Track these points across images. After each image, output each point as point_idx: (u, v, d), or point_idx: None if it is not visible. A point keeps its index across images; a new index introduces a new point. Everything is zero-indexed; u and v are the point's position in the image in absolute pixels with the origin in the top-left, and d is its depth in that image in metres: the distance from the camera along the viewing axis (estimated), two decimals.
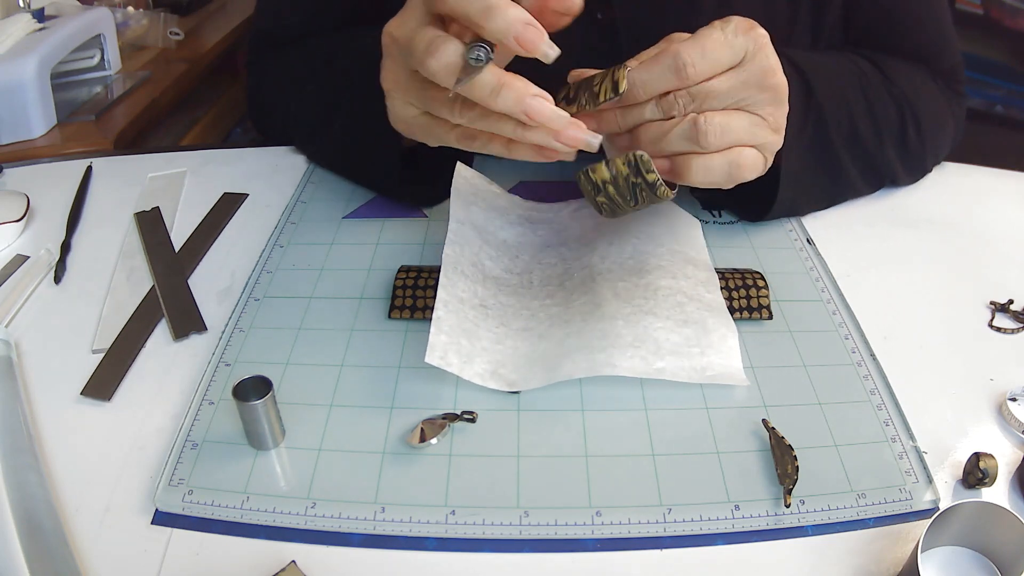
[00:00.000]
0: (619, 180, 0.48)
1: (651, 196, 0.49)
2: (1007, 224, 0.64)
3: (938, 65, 0.68)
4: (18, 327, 0.54)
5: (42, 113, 0.93)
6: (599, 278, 0.52)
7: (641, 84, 0.48)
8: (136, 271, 0.59)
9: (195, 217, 0.65)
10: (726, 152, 0.50)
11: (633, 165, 0.48)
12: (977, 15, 1.47)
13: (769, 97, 0.50)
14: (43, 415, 0.47)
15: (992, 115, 1.47)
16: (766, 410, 0.46)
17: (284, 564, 0.38)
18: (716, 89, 0.49)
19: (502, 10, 0.41)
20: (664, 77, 0.47)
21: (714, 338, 0.48)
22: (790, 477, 0.41)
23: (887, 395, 0.47)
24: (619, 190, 0.49)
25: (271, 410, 0.43)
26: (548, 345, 0.48)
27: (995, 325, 0.53)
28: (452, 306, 0.49)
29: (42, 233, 0.65)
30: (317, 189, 0.68)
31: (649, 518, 0.40)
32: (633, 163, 0.48)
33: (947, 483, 0.43)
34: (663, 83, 0.48)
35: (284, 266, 0.58)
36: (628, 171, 0.48)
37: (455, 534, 0.40)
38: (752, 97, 0.50)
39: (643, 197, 0.49)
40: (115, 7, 1.20)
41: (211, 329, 0.53)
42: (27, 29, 0.96)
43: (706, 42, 0.47)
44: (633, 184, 0.48)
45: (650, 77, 0.48)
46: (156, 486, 0.42)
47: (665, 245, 0.55)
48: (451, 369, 0.46)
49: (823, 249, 0.59)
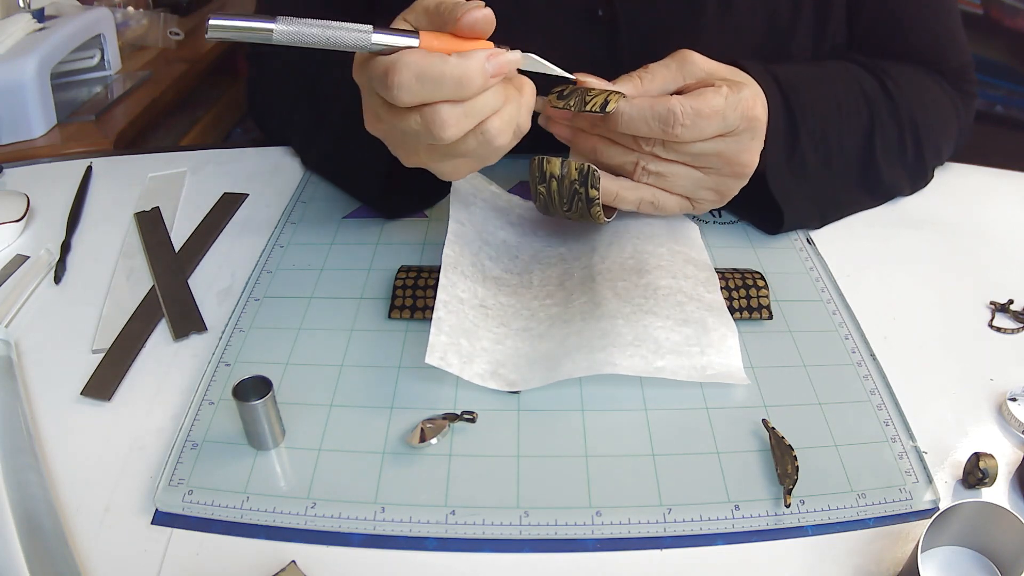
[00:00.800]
0: (564, 181, 0.50)
1: (584, 209, 0.51)
2: (1007, 224, 0.64)
3: (945, 64, 0.68)
4: (18, 327, 0.54)
5: (42, 113, 0.93)
6: (599, 278, 0.52)
7: (627, 120, 0.50)
8: (136, 271, 0.59)
9: (195, 217, 0.65)
10: (652, 188, 0.53)
11: (583, 174, 0.50)
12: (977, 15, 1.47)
13: (730, 171, 0.53)
14: (43, 415, 0.47)
15: (992, 115, 1.47)
16: (766, 410, 0.46)
17: (284, 564, 0.38)
18: (690, 150, 0.51)
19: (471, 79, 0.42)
20: (650, 125, 0.49)
21: (714, 337, 0.48)
22: (790, 477, 0.41)
23: (887, 395, 0.47)
24: (560, 189, 0.51)
25: (271, 410, 0.43)
26: (548, 345, 0.48)
27: (995, 325, 0.53)
28: (452, 306, 0.49)
29: (42, 233, 0.65)
30: (317, 189, 0.68)
31: (649, 518, 0.40)
32: (584, 172, 0.50)
33: (947, 483, 0.43)
34: (647, 129, 0.50)
35: (284, 266, 0.58)
36: (577, 177, 0.50)
37: (455, 534, 0.40)
38: (717, 167, 0.52)
39: (577, 207, 0.51)
40: (115, 7, 1.21)
41: (211, 329, 0.53)
42: (27, 29, 0.96)
43: (703, 107, 0.49)
44: (575, 191, 0.50)
45: (639, 117, 0.49)
46: (156, 486, 0.42)
47: (665, 245, 0.55)
48: (451, 370, 0.46)
49: (823, 249, 0.59)
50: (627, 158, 0.52)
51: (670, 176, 0.52)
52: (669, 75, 0.52)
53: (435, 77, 0.41)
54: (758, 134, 0.52)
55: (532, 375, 0.47)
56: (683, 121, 0.48)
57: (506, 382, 0.47)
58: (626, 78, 0.52)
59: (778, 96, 0.56)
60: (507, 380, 0.47)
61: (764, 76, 0.56)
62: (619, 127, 0.50)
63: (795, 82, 0.58)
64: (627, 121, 0.50)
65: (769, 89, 0.54)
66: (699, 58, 0.52)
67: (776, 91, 0.56)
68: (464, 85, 0.42)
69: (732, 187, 0.54)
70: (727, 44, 0.62)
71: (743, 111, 0.50)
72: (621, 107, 0.49)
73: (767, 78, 0.56)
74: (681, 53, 0.52)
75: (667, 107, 0.48)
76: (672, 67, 0.52)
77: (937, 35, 0.68)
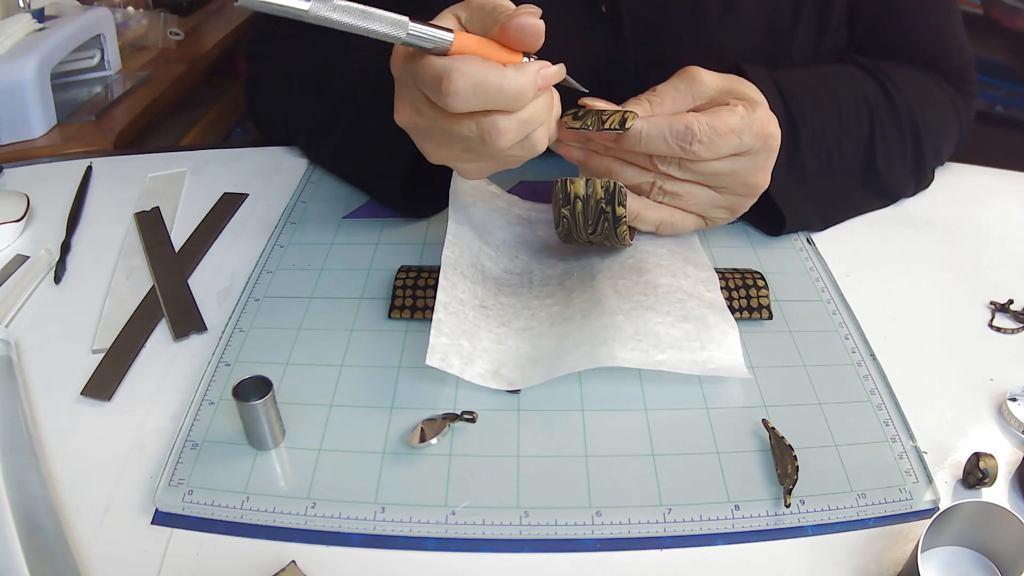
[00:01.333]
0: (591, 201, 0.50)
1: (611, 230, 0.51)
2: (1007, 224, 0.64)
3: (945, 64, 0.68)
4: (18, 327, 0.54)
5: (42, 113, 0.93)
6: (599, 276, 0.52)
7: (645, 139, 0.49)
8: (136, 271, 0.59)
9: (195, 217, 0.65)
10: (669, 208, 0.53)
11: (610, 192, 0.49)
12: (977, 15, 1.47)
13: (743, 190, 0.53)
14: (43, 415, 0.47)
15: (992, 115, 1.47)
16: (766, 410, 0.46)
17: (284, 564, 0.38)
18: (705, 170, 0.51)
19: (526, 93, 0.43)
20: (668, 143, 0.49)
21: (715, 333, 0.48)
22: (790, 477, 0.41)
23: (887, 395, 0.47)
24: (586, 210, 0.50)
25: (271, 410, 0.43)
26: (549, 343, 0.48)
27: (995, 325, 0.53)
28: (452, 307, 0.49)
29: (42, 233, 0.65)
30: (317, 189, 0.68)
31: (649, 518, 0.40)
32: (611, 190, 0.49)
33: (947, 483, 0.43)
34: (665, 147, 0.50)
35: (284, 266, 0.58)
36: (603, 195, 0.49)
37: (455, 534, 0.40)
38: (731, 185, 0.52)
39: (603, 228, 0.51)
40: (115, 7, 1.21)
41: (211, 329, 0.53)
42: (27, 29, 0.96)
43: (720, 125, 0.49)
44: (601, 210, 0.50)
45: (657, 135, 0.49)
46: (156, 486, 0.42)
47: (665, 246, 0.55)
48: (452, 371, 0.46)
49: (823, 249, 0.59)
50: (643, 178, 0.52)
51: (685, 196, 0.53)
52: (679, 96, 0.52)
53: (493, 89, 0.42)
54: (772, 153, 0.52)
55: (533, 373, 0.47)
56: (701, 138, 0.48)
57: (507, 381, 0.47)
58: (635, 101, 0.52)
59: (779, 102, 0.56)
60: (508, 379, 0.47)
61: (766, 82, 0.56)
62: (638, 145, 0.50)
63: (795, 87, 0.58)
64: (646, 139, 0.49)
65: (770, 94, 0.54)
66: (706, 76, 0.51)
67: (777, 96, 0.56)
68: (520, 99, 0.43)
69: (744, 204, 0.54)
70: (729, 42, 0.62)
71: (758, 130, 0.50)
72: (639, 125, 0.49)
73: (768, 84, 0.56)
74: (688, 72, 0.52)
75: (685, 124, 0.48)
76: (681, 88, 0.52)
77: (937, 35, 0.68)
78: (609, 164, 0.53)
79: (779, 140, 0.52)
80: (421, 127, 0.47)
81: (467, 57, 0.42)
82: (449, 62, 0.41)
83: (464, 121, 0.44)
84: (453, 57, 0.42)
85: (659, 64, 0.55)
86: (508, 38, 0.43)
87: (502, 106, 0.43)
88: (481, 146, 0.44)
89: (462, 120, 0.44)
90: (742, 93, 0.52)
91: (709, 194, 0.53)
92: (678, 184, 0.52)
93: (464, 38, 0.43)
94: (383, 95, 0.50)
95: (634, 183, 0.53)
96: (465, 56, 0.42)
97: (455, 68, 0.41)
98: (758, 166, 0.52)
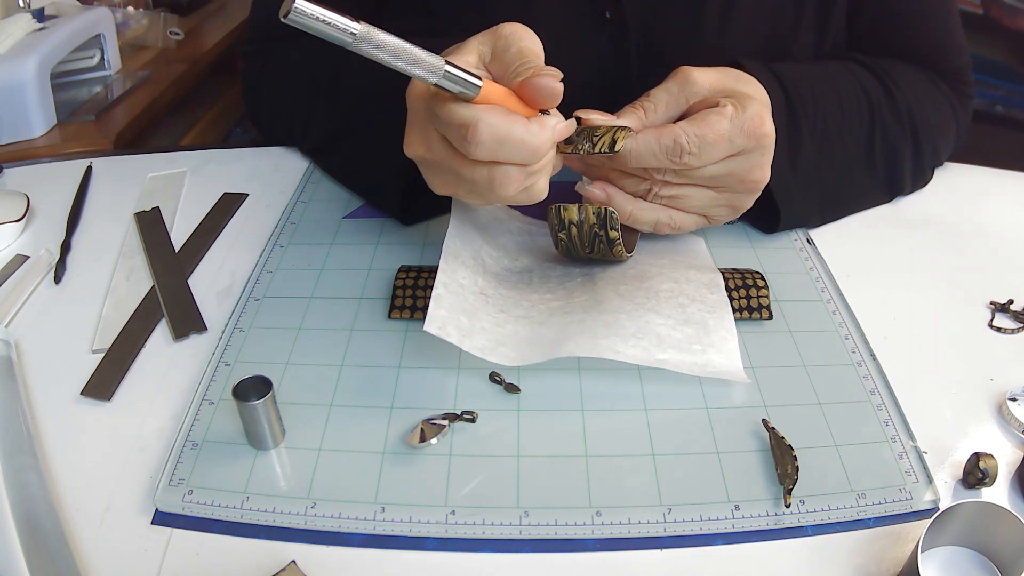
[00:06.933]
0: (584, 226, 0.51)
1: (607, 251, 0.52)
2: (1007, 224, 0.64)
3: (943, 64, 0.68)
4: (18, 327, 0.54)
5: (42, 113, 0.93)
6: (600, 281, 0.52)
7: (636, 156, 0.50)
8: (136, 271, 0.59)
9: (195, 217, 0.65)
10: (667, 208, 0.54)
11: (601, 218, 0.50)
12: (977, 15, 1.47)
13: (743, 188, 0.53)
14: (43, 415, 0.47)
15: (992, 115, 1.47)
16: (766, 410, 0.46)
17: (284, 564, 0.38)
18: (701, 174, 0.51)
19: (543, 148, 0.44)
20: (658, 158, 0.50)
21: (715, 339, 0.48)
22: (790, 477, 0.41)
23: (887, 395, 0.47)
24: (581, 234, 0.52)
25: (271, 410, 0.43)
26: (549, 331, 0.48)
27: (995, 325, 0.53)
28: (452, 288, 0.48)
29: (42, 233, 0.65)
30: (317, 189, 0.68)
31: (649, 518, 0.40)
32: (602, 216, 0.50)
33: (947, 483, 0.43)
34: (655, 162, 0.50)
35: (284, 266, 0.58)
36: (595, 220, 0.50)
37: (455, 534, 0.40)
38: (730, 185, 0.53)
39: (599, 249, 0.52)
40: (115, 7, 1.20)
41: (211, 329, 0.53)
42: (27, 29, 0.96)
43: (708, 133, 0.49)
44: (595, 234, 0.51)
45: (647, 152, 0.50)
46: (156, 486, 0.42)
47: (667, 257, 0.55)
48: (451, 339, 0.45)
49: (823, 249, 0.59)
50: (641, 187, 0.53)
51: (684, 198, 0.53)
52: (672, 100, 0.52)
53: (516, 143, 0.42)
54: (768, 150, 0.52)
55: (533, 354, 0.46)
56: (690, 149, 0.49)
57: (507, 357, 0.46)
58: (630, 110, 0.52)
59: (780, 94, 0.56)
60: (507, 356, 0.46)
61: (766, 74, 0.56)
62: (630, 163, 0.50)
63: (797, 80, 0.58)
64: (636, 158, 0.50)
65: (771, 87, 0.54)
66: (699, 75, 0.51)
67: (778, 89, 0.56)
68: (537, 154, 0.43)
69: (746, 201, 0.54)
70: (732, 45, 0.62)
71: (750, 130, 0.50)
72: (628, 145, 0.49)
73: (769, 76, 0.56)
74: (681, 72, 0.52)
75: (672, 138, 0.49)
76: (674, 90, 0.52)
77: (937, 35, 0.68)
78: (607, 174, 0.53)
79: (773, 137, 0.51)
80: (430, 163, 0.48)
81: (492, 108, 0.42)
82: (476, 112, 0.41)
83: (478, 167, 0.44)
84: (478, 106, 0.42)
85: (662, 67, 0.55)
86: (526, 95, 0.44)
87: (521, 160, 0.43)
88: (488, 191, 0.44)
89: (475, 166, 0.44)
90: (734, 91, 0.51)
91: (709, 194, 0.53)
92: (676, 188, 0.52)
93: (490, 88, 0.43)
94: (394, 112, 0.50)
95: (631, 192, 0.53)
96: (490, 107, 0.42)
97: (482, 119, 0.41)
98: (754, 164, 0.52)
